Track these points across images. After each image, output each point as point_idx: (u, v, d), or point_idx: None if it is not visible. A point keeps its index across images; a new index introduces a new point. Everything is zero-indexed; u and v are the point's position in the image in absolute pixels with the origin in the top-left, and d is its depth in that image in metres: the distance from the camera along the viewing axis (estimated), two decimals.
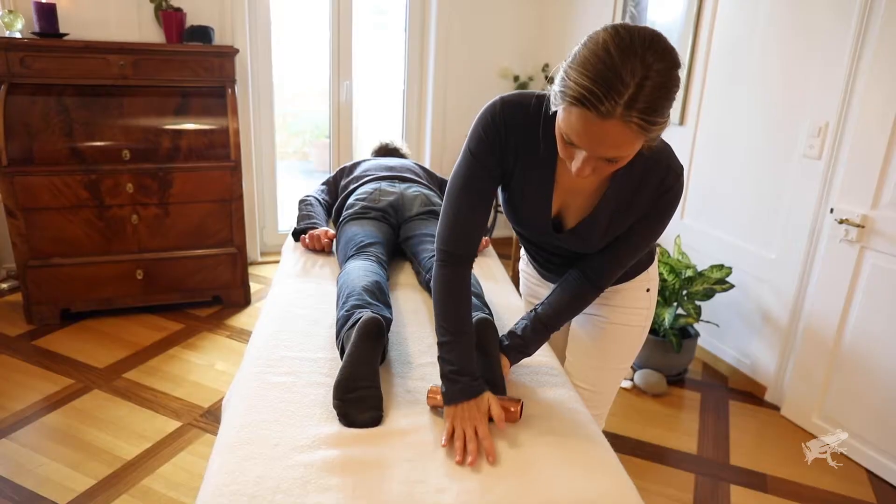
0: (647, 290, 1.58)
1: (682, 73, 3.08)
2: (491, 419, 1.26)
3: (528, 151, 1.27)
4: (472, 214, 1.30)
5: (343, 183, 2.45)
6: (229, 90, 3.27)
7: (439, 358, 1.31)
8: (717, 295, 2.94)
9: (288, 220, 4.37)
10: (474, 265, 1.44)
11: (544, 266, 1.57)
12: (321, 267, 2.08)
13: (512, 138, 1.26)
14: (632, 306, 1.57)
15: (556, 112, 1.08)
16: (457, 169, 1.30)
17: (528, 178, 1.30)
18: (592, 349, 1.62)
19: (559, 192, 1.32)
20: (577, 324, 1.66)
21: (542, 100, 1.23)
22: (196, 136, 3.16)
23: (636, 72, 0.96)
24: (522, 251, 1.73)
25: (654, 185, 1.25)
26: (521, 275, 1.84)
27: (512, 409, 1.29)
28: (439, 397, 1.31)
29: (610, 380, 1.65)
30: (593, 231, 1.32)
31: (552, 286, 1.61)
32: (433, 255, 1.87)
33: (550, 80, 1.10)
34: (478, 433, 1.21)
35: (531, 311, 1.46)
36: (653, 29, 1.01)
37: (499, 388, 1.34)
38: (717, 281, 2.85)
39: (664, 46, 0.99)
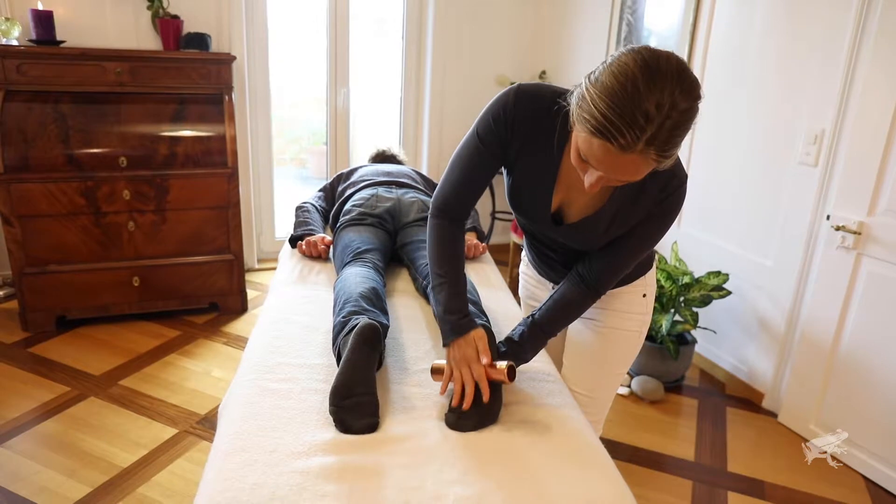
0: (644, 295, 1.59)
1: None
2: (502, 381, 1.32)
3: (534, 145, 1.30)
4: (469, 186, 1.39)
5: (340, 189, 2.45)
6: (226, 97, 3.27)
7: (434, 304, 1.42)
8: (714, 302, 2.94)
9: (285, 226, 4.36)
10: (471, 273, 1.49)
11: (543, 261, 1.58)
12: (318, 273, 2.08)
13: (520, 130, 1.30)
14: (628, 311, 1.58)
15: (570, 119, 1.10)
16: (463, 143, 1.37)
17: (532, 170, 1.33)
18: (588, 353, 1.62)
19: (561, 187, 1.34)
20: (573, 328, 1.67)
21: (559, 100, 1.23)
22: (193, 142, 3.16)
23: (662, 109, 0.97)
24: (524, 252, 1.75)
25: (657, 189, 1.27)
26: (520, 277, 1.85)
27: (499, 367, 1.31)
28: (437, 363, 1.40)
29: (606, 385, 1.65)
30: (593, 230, 1.33)
31: (550, 289, 1.64)
32: None
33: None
34: (473, 374, 1.30)
35: (528, 318, 1.46)
36: (678, 58, 1.02)
37: (495, 394, 1.34)
38: (714, 287, 2.86)
39: (690, 82, 1.00)
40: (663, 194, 1.27)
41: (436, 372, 1.41)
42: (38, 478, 2.13)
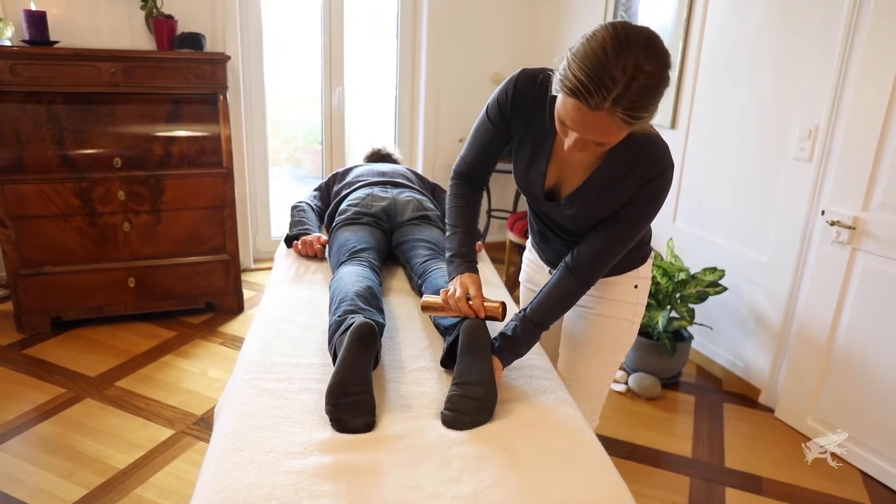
0: (636, 286, 1.62)
1: (673, 77, 3.07)
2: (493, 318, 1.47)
3: (532, 124, 1.42)
4: (481, 157, 1.56)
5: (335, 189, 2.44)
6: (221, 97, 3.26)
7: (445, 250, 1.59)
8: (711, 298, 2.95)
9: (281, 226, 4.35)
10: None
11: (544, 240, 1.65)
12: (314, 273, 2.08)
13: (519, 111, 1.42)
14: (619, 299, 1.62)
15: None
16: (479, 117, 1.52)
17: (530, 147, 1.44)
18: (581, 340, 1.66)
19: (556, 164, 1.43)
20: (568, 318, 1.71)
21: (550, 78, 1.35)
22: (188, 142, 3.15)
23: (627, 71, 1.06)
24: (529, 238, 1.82)
25: (640, 173, 1.32)
26: (523, 262, 1.90)
27: (492, 305, 1.46)
28: (427, 299, 1.55)
29: (599, 372, 1.68)
30: (579, 206, 1.40)
31: (548, 274, 1.70)
32: (426, 260, 1.90)
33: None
34: (471, 305, 1.45)
35: (520, 312, 1.49)
36: (650, 30, 1.10)
37: (491, 391, 1.34)
38: (710, 284, 2.86)
39: (658, 49, 1.10)
40: (646, 178, 1.32)
41: (426, 308, 1.54)
42: (34, 480, 2.12)
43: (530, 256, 1.84)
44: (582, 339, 1.66)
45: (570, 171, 1.41)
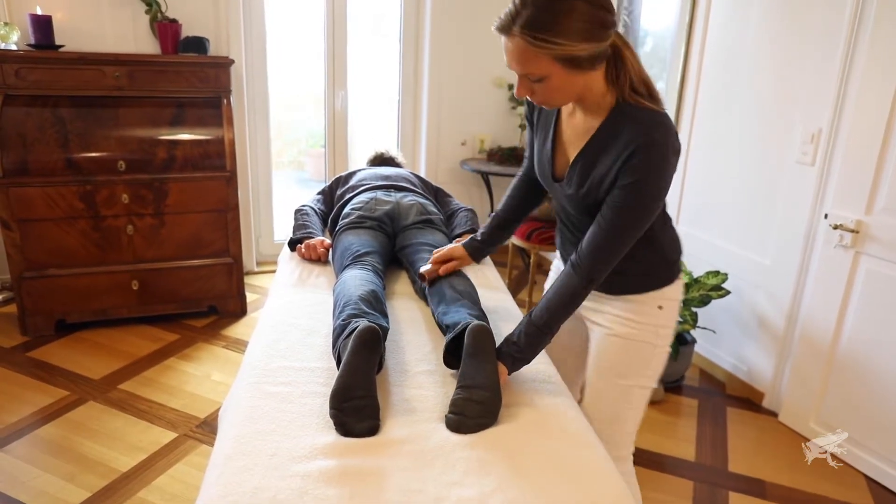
0: (660, 307, 1.51)
1: (676, 80, 3.06)
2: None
3: (542, 111, 1.52)
4: (531, 153, 1.66)
5: (339, 192, 2.45)
6: (224, 100, 3.27)
7: None
8: (714, 301, 2.94)
9: (284, 229, 4.36)
10: (470, 273, 1.68)
11: (562, 238, 1.65)
12: (317, 276, 2.08)
13: (534, 103, 1.52)
14: (638, 320, 1.50)
15: None
16: None
17: (542, 131, 1.53)
18: (597, 363, 1.57)
19: (560, 145, 1.48)
20: (593, 343, 1.60)
21: None
22: (191, 146, 3.16)
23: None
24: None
25: (628, 140, 1.27)
26: (551, 270, 1.81)
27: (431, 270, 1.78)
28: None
29: (616, 399, 1.56)
30: (577, 179, 1.41)
31: None
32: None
33: None
34: (441, 264, 1.78)
35: (526, 316, 1.47)
36: None
37: (495, 394, 1.34)
38: (712, 287, 2.86)
39: None
40: (633, 145, 1.26)
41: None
42: (37, 482, 2.12)
43: (556, 263, 1.78)
44: (599, 362, 1.56)
45: (571, 148, 1.44)
